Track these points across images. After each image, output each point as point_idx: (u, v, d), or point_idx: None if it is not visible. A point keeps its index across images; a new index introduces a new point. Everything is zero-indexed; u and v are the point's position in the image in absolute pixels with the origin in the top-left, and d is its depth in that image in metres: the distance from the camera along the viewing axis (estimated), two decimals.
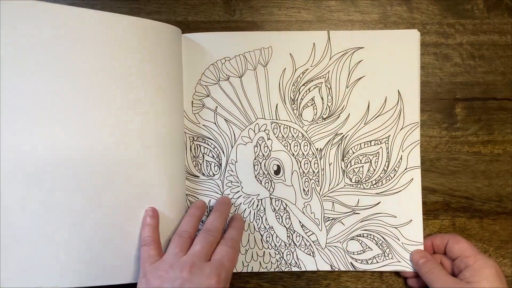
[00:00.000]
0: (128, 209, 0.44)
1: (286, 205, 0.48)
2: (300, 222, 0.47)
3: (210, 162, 0.48)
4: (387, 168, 0.47)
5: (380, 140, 0.47)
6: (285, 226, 0.48)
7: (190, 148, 0.48)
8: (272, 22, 0.49)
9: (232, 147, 0.48)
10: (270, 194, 0.48)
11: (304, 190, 0.48)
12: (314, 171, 0.48)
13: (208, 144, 0.48)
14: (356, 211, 0.47)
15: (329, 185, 0.48)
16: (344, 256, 0.47)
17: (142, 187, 0.45)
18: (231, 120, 0.48)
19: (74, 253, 0.42)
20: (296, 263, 0.47)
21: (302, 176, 0.48)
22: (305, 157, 0.48)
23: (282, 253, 0.48)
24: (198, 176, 0.48)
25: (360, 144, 0.47)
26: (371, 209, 0.47)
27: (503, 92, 0.48)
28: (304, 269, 0.47)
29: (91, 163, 0.43)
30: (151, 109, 0.45)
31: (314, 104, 0.48)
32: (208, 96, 0.48)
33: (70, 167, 0.43)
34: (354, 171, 0.47)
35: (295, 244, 0.48)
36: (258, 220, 0.48)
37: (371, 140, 0.47)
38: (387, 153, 0.47)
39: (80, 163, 0.43)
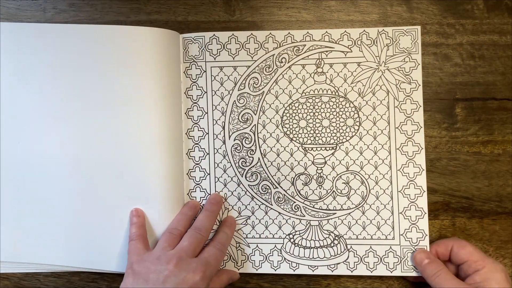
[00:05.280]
0: (128, 206, 0.45)
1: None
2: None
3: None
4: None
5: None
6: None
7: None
8: (272, 22, 0.49)
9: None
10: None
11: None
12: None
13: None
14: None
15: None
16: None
17: (142, 186, 0.45)
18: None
19: (74, 236, 0.46)
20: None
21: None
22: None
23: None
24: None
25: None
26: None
27: (503, 92, 0.48)
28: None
29: (92, 162, 0.45)
30: (150, 110, 0.45)
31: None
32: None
33: (73, 165, 0.46)
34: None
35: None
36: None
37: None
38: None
39: (81, 162, 0.46)
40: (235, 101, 0.48)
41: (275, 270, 0.48)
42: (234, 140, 0.48)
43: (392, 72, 0.47)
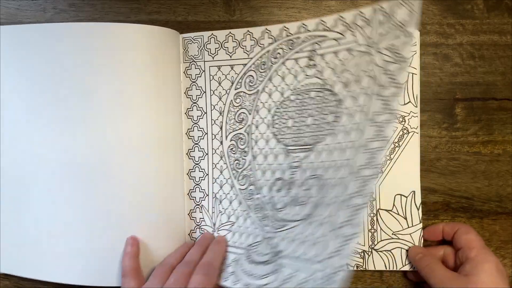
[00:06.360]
0: (126, 211, 0.44)
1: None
2: None
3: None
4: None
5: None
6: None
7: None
8: (272, 22, 0.49)
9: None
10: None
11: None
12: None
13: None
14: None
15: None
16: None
17: (141, 187, 0.44)
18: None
19: (72, 249, 0.44)
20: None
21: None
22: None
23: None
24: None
25: None
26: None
27: (503, 92, 0.48)
28: None
29: (90, 163, 0.44)
30: (150, 111, 0.45)
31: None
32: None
33: (70, 168, 0.44)
34: None
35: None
36: None
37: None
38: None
39: (79, 165, 0.44)
40: (232, 100, 0.48)
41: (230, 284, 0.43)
42: (230, 141, 0.48)
43: (382, 53, 0.41)
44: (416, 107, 0.46)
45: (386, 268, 0.47)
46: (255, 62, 0.47)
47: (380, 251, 0.47)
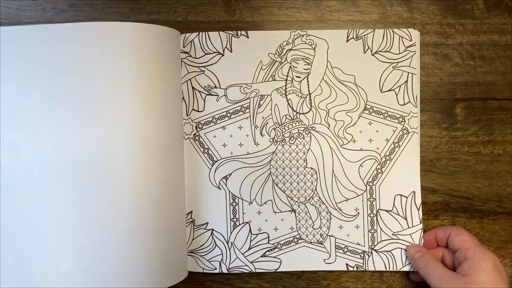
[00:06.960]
0: (124, 212, 0.43)
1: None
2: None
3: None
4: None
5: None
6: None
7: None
8: (272, 22, 0.49)
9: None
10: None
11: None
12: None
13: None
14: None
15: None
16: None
17: (140, 191, 0.43)
18: None
19: (75, 255, 0.42)
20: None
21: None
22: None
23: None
24: None
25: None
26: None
27: (503, 92, 0.48)
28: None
29: (88, 167, 0.42)
30: (150, 112, 0.44)
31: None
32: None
33: (68, 170, 0.42)
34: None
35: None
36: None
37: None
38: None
39: (76, 167, 0.42)
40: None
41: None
42: None
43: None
44: (416, 107, 0.47)
45: (386, 269, 0.47)
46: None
47: (380, 252, 0.47)
